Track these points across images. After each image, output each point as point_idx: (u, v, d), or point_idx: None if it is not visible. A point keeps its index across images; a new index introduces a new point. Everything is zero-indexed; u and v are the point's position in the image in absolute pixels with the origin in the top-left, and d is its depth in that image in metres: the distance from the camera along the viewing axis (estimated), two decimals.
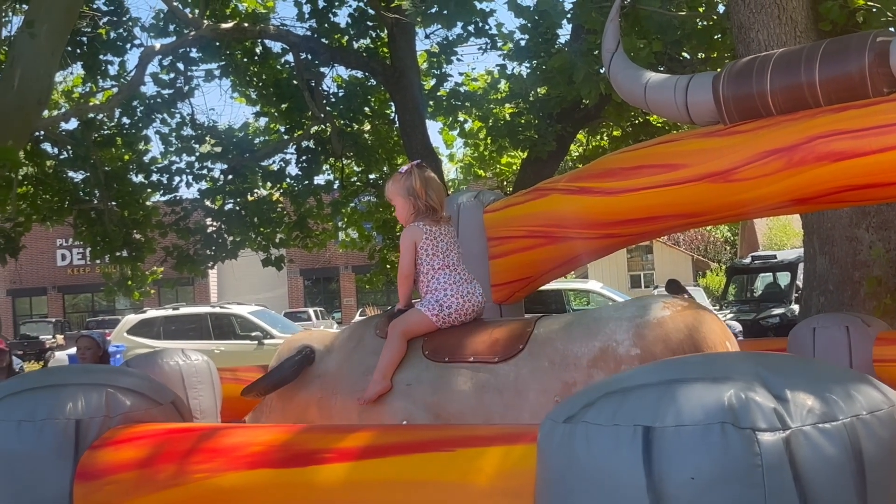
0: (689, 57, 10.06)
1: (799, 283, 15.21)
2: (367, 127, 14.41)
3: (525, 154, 12.52)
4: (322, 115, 13.24)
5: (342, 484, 2.39)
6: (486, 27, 12.14)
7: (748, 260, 19.92)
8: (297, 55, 13.06)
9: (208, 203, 13.93)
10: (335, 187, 14.66)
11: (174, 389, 3.54)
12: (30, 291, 40.45)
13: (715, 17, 9.42)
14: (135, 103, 13.43)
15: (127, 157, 13.82)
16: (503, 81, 13.44)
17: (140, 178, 13.87)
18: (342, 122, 13.81)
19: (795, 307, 14.93)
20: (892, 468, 1.75)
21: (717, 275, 37.12)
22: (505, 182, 16.51)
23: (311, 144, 14.11)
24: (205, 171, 13.95)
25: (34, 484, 2.80)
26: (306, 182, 14.15)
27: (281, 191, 14.62)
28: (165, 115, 13.72)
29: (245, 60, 13.78)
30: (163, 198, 14.09)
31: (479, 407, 3.38)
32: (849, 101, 3.97)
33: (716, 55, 9.76)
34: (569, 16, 10.15)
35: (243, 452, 2.62)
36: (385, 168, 14.37)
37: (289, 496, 2.47)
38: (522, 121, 12.11)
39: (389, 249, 15.18)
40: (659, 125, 12.86)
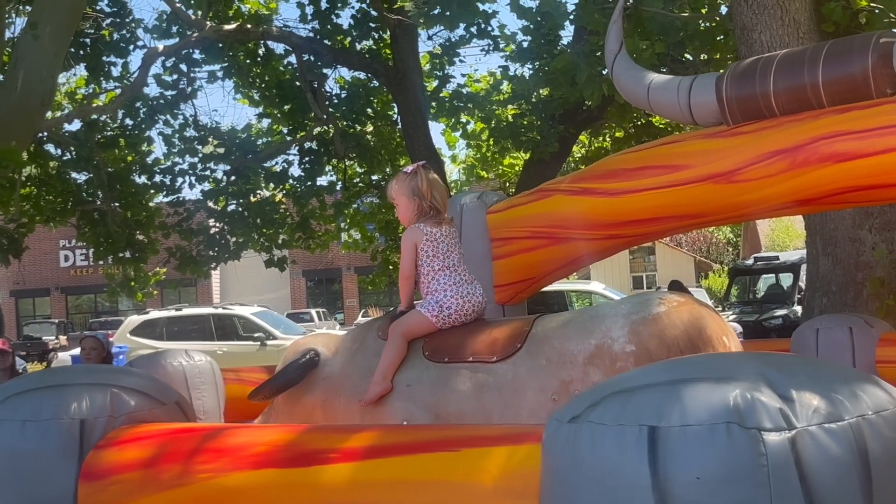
0: (692, 58, 10.05)
1: (801, 285, 15.22)
2: (370, 128, 14.40)
3: (527, 155, 12.51)
4: (325, 117, 13.23)
5: (347, 484, 2.38)
6: (489, 28, 12.14)
7: (751, 261, 19.87)
8: (300, 56, 13.05)
9: (211, 204, 13.92)
10: (338, 188, 14.64)
11: (177, 390, 3.54)
12: (33, 292, 40.49)
13: (717, 19, 9.43)
14: (138, 104, 13.43)
15: (130, 159, 13.82)
16: (505, 83, 13.42)
17: (143, 180, 13.85)
18: (345, 124, 13.80)
19: (798, 308, 14.90)
20: None
21: (720, 276, 37.08)
22: (507, 183, 16.48)
23: (314, 146, 14.10)
24: (208, 173, 13.94)
25: (39, 483, 2.80)
26: (309, 183, 14.14)
27: (284, 192, 14.61)
28: (168, 117, 13.72)
29: (248, 62, 13.78)
30: (166, 199, 14.09)
31: (479, 406, 3.38)
32: (852, 102, 3.96)
33: (718, 56, 9.76)
34: (571, 17, 10.14)
35: (248, 452, 2.62)
36: (388, 169, 14.35)
37: (293, 496, 2.46)
38: (525, 122, 12.10)
39: (392, 250, 15.16)
40: (661, 126, 12.84)
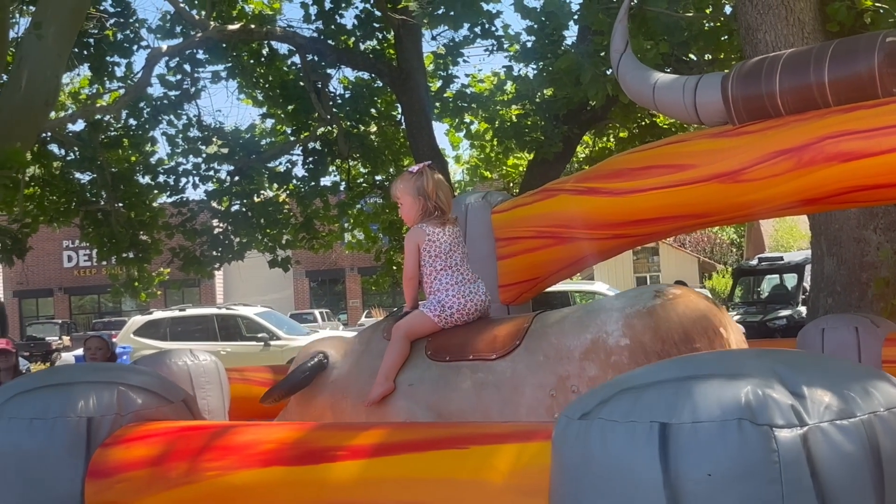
0: (696, 58, 10.04)
1: (806, 285, 15.22)
2: (374, 128, 14.40)
3: (531, 155, 12.50)
4: (328, 117, 13.23)
5: (355, 481, 2.38)
6: (493, 28, 12.14)
7: (755, 261, 19.87)
8: (304, 57, 13.04)
9: (215, 204, 13.90)
10: (341, 189, 14.64)
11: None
12: (36, 293, 40.51)
13: (722, 19, 9.41)
14: (141, 105, 13.43)
15: (134, 159, 13.80)
16: (509, 83, 13.42)
17: (147, 180, 13.83)
18: (348, 124, 13.80)
19: (802, 309, 14.90)
20: None
21: (724, 276, 37.02)
22: (511, 184, 16.48)
23: (318, 146, 14.10)
24: (211, 173, 13.93)
25: (46, 481, 2.80)
26: (313, 183, 14.14)
27: (287, 192, 14.61)
28: (172, 117, 13.72)
29: (251, 62, 13.78)
30: (169, 199, 14.07)
31: (479, 404, 3.39)
32: (858, 102, 3.95)
33: (723, 56, 9.74)
34: (575, 17, 10.14)
35: (255, 450, 2.62)
36: (391, 169, 14.34)
37: (301, 494, 2.46)
38: (529, 122, 12.09)
39: (395, 251, 15.16)
40: (666, 126, 12.83)
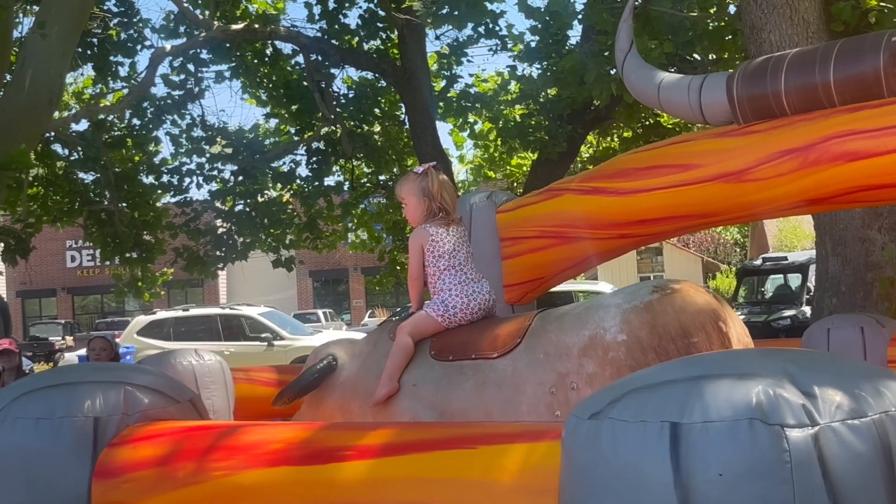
0: (701, 58, 10.04)
1: (810, 285, 15.19)
2: (378, 128, 14.41)
3: (535, 155, 12.50)
4: (332, 117, 13.23)
5: (363, 481, 2.38)
6: (497, 28, 12.16)
7: (759, 261, 19.87)
8: (308, 56, 13.05)
9: (218, 204, 13.92)
10: (345, 188, 14.64)
11: None
12: (39, 293, 40.50)
13: (726, 18, 9.41)
14: (145, 104, 13.45)
15: (137, 159, 13.82)
16: (513, 82, 13.42)
17: (150, 180, 13.87)
18: (352, 124, 13.80)
19: (806, 309, 14.90)
20: None
21: (727, 277, 36.98)
22: (515, 183, 16.48)
23: (322, 146, 14.11)
24: (215, 173, 13.96)
25: (52, 482, 2.79)
26: (316, 183, 14.15)
27: (291, 192, 14.63)
28: (176, 117, 13.74)
29: (255, 62, 13.78)
30: (173, 199, 14.10)
31: (481, 403, 3.41)
32: (863, 101, 3.96)
33: (727, 56, 9.74)
34: (579, 17, 10.15)
35: (263, 450, 2.61)
36: (395, 169, 14.36)
37: (309, 494, 2.45)
38: (533, 122, 12.10)
39: (399, 251, 15.17)
40: (670, 126, 12.82)
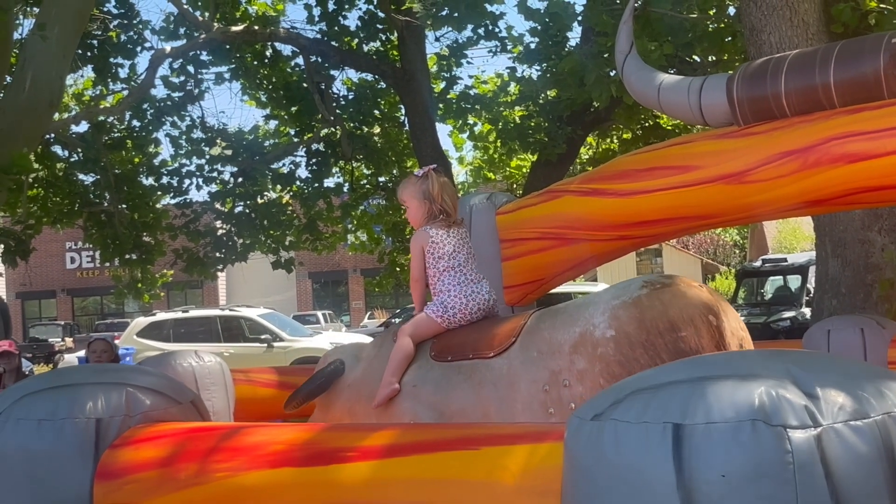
0: (701, 59, 10.04)
1: (809, 287, 15.19)
2: (377, 130, 14.39)
3: (535, 157, 12.49)
4: (332, 118, 13.22)
5: (365, 482, 2.38)
6: (497, 30, 12.15)
7: (759, 263, 19.85)
8: (307, 58, 13.04)
9: (218, 206, 13.91)
10: (345, 190, 14.63)
11: None
12: (39, 294, 40.47)
13: (726, 20, 9.41)
14: (145, 106, 13.44)
15: (137, 160, 13.80)
16: (513, 84, 13.40)
17: (150, 181, 13.85)
18: (352, 125, 13.79)
19: (806, 310, 14.90)
20: None
21: (727, 278, 36.98)
22: (514, 185, 16.48)
23: (321, 147, 14.09)
24: (215, 174, 13.94)
25: (54, 483, 2.80)
26: (316, 185, 14.13)
27: (291, 193, 14.62)
28: (175, 118, 13.71)
29: (255, 63, 13.77)
30: (173, 200, 14.08)
31: (478, 402, 3.42)
32: (864, 103, 3.96)
33: (727, 58, 9.73)
34: (579, 18, 10.15)
35: (265, 451, 2.62)
36: (395, 171, 14.35)
37: (311, 495, 2.46)
38: (532, 123, 12.09)
39: (398, 252, 15.18)
40: (670, 128, 12.81)
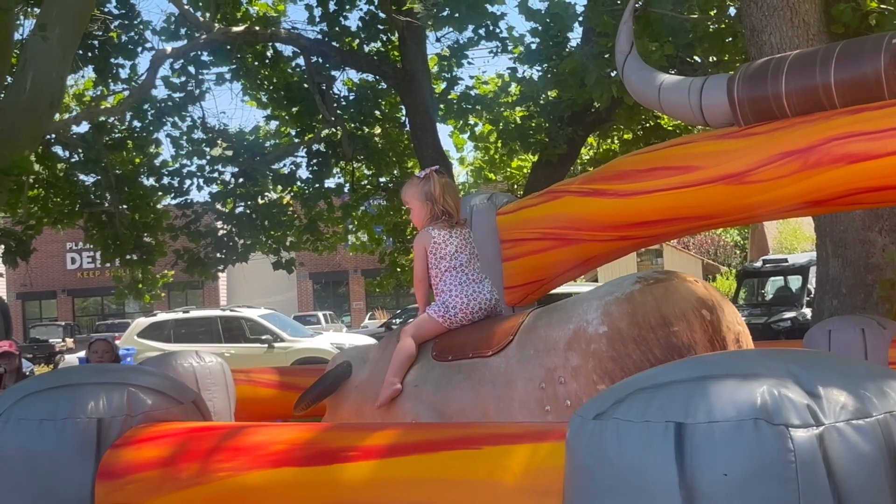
0: (701, 60, 10.04)
1: (810, 287, 15.20)
2: (378, 130, 14.39)
3: (535, 157, 12.50)
4: (333, 119, 13.22)
5: (367, 482, 2.38)
6: (497, 30, 12.15)
7: (759, 263, 19.84)
8: (308, 58, 13.05)
9: (219, 206, 13.91)
10: (346, 190, 14.63)
11: None
12: (39, 295, 40.47)
13: (727, 20, 9.41)
14: (146, 107, 13.44)
15: (138, 161, 13.81)
16: (514, 84, 13.40)
17: (151, 182, 13.85)
18: (353, 126, 13.79)
19: (807, 311, 14.89)
20: None
21: (727, 279, 36.98)
22: (515, 185, 16.47)
23: (322, 148, 14.09)
24: (215, 175, 13.94)
25: (56, 483, 2.80)
26: (317, 185, 14.13)
27: (291, 194, 14.63)
28: (176, 119, 13.71)
29: (256, 64, 13.77)
30: (173, 201, 14.09)
31: (477, 401, 3.44)
32: (864, 103, 3.96)
33: (727, 58, 9.74)
34: (580, 19, 10.16)
35: (267, 451, 2.62)
36: (396, 171, 14.36)
37: (312, 495, 2.46)
38: (533, 124, 12.08)
39: (399, 252, 15.18)
40: (670, 128, 12.80)
